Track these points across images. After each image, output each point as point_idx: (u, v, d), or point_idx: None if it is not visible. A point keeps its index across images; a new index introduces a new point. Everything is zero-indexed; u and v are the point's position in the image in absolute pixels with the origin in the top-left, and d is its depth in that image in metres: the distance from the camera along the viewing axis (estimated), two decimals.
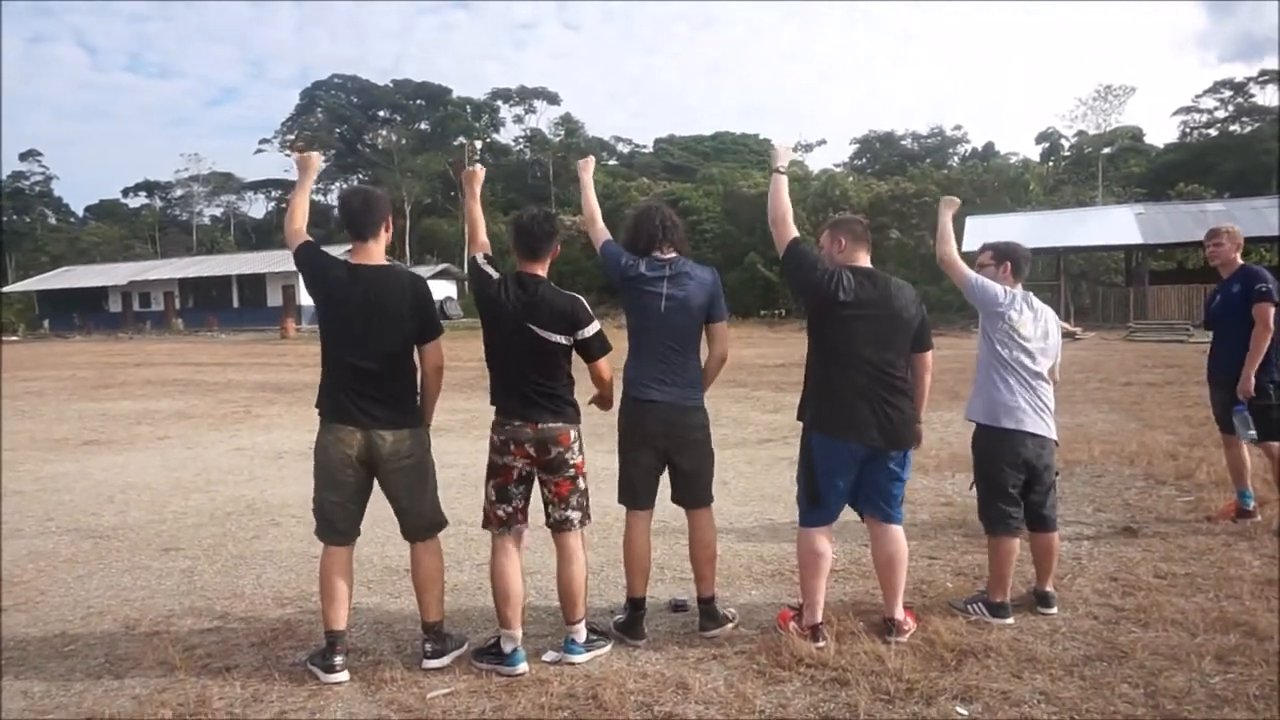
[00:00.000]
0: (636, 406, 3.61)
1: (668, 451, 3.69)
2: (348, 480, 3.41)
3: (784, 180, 3.78)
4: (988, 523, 3.88)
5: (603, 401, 3.67)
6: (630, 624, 3.70)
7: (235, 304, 46.17)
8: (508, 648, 3.39)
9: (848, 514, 3.75)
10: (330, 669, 3.33)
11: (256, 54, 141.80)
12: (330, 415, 3.42)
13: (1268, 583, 4.07)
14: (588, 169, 4.22)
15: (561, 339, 3.40)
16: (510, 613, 3.41)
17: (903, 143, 68.73)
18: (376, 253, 3.46)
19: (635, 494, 3.73)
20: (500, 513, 3.48)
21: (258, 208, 78.93)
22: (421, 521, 3.52)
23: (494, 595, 3.46)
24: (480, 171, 3.87)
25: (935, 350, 3.71)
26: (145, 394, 14.85)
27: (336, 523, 3.45)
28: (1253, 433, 5.06)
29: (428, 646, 3.47)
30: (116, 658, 3.63)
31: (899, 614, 3.62)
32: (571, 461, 3.44)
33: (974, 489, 4.00)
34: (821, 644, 3.49)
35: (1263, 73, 57.45)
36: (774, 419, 10.00)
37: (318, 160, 3.78)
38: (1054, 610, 3.83)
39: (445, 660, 3.44)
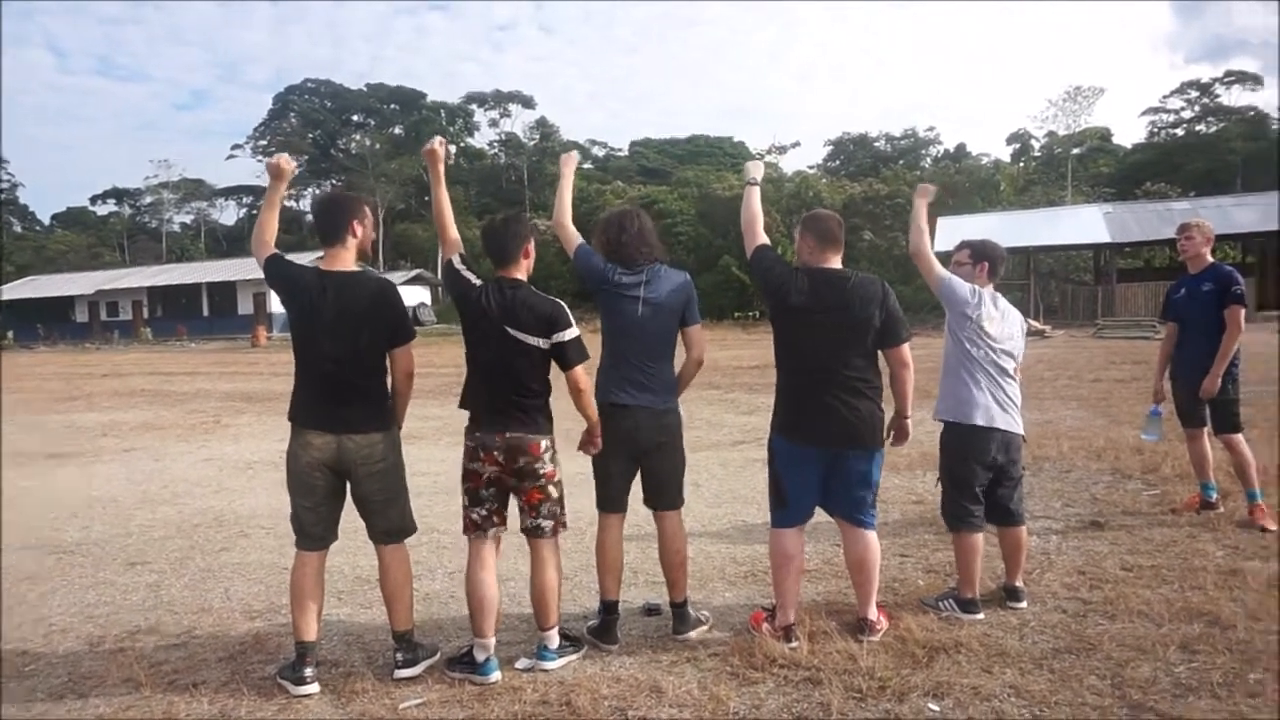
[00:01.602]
0: (610, 411, 3.60)
1: (640, 455, 3.68)
2: (318, 485, 3.38)
3: (756, 191, 3.85)
4: (950, 520, 3.92)
5: (588, 419, 3.55)
6: (604, 629, 3.68)
7: (205, 312, 45.61)
8: (480, 656, 3.37)
9: (821, 514, 3.77)
10: (300, 681, 3.29)
11: (229, 57, 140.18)
12: (301, 421, 3.39)
13: (1230, 573, 4.14)
14: (570, 164, 4.09)
15: (539, 342, 3.36)
16: (484, 622, 3.38)
17: (876, 144, 69.24)
18: (346, 258, 3.42)
19: (609, 498, 3.72)
20: (474, 516, 3.46)
21: (229, 214, 78.22)
22: (391, 525, 3.48)
23: (469, 603, 3.44)
24: (440, 145, 3.66)
25: (908, 345, 3.70)
26: (112, 405, 14.62)
27: (308, 527, 3.43)
28: (1155, 436, 5.60)
29: (399, 656, 3.44)
30: (80, 676, 3.56)
31: (872, 614, 3.64)
32: (541, 471, 3.41)
33: (939, 486, 4.03)
34: (794, 644, 3.49)
35: (1228, 73, 58.55)
36: (748, 420, 10.03)
37: (290, 165, 3.66)
38: (1023, 604, 3.87)
39: (417, 670, 3.41)
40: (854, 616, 3.70)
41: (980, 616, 3.77)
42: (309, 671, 3.32)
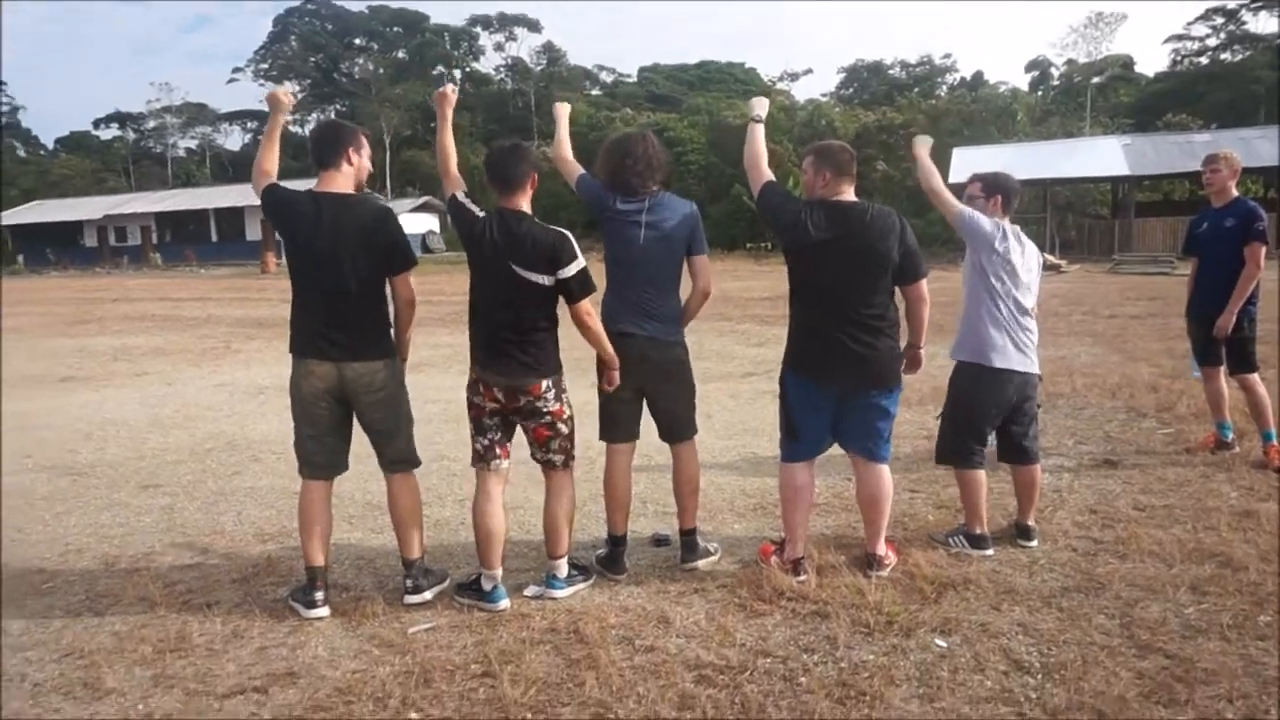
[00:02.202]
0: (614, 340, 3.55)
1: (645, 386, 3.64)
2: (321, 414, 3.36)
3: (760, 129, 3.73)
4: (951, 457, 3.89)
5: (601, 352, 3.46)
6: (611, 559, 3.70)
7: (213, 238, 45.38)
8: (487, 585, 3.39)
9: (834, 448, 3.74)
10: (311, 604, 3.33)
11: None
12: (300, 351, 3.35)
13: (1244, 514, 4.12)
14: (564, 113, 4.05)
15: (543, 279, 3.27)
16: (490, 553, 3.39)
17: (890, 72, 67.51)
18: (341, 182, 3.33)
19: (614, 428, 3.70)
20: (478, 445, 3.45)
21: (234, 139, 77.01)
22: (397, 454, 3.48)
23: (475, 534, 3.45)
24: (452, 92, 3.63)
25: (925, 280, 3.64)
26: (123, 330, 14.65)
27: (312, 456, 3.42)
28: (1197, 374, 5.43)
29: (409, 582, 3.46)
30: (96, 594, 3.61)
31: (881, 549, 3.64)
32: (545, 409, 3.37)
33: (939, 419, 3.99)
34: (803, 578, 3.50)
35: None
36: (758, 352, 9.98)
37: (288, 96, 3.59)
38: (1034, 543, 3.86)
39: (426, 595, 3.44)
40: (863, 551, 3.70)
41: (990, 552, 3.77)
42: (319, 595, 3.35)
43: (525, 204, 3.39)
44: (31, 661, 3.05)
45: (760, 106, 3.84)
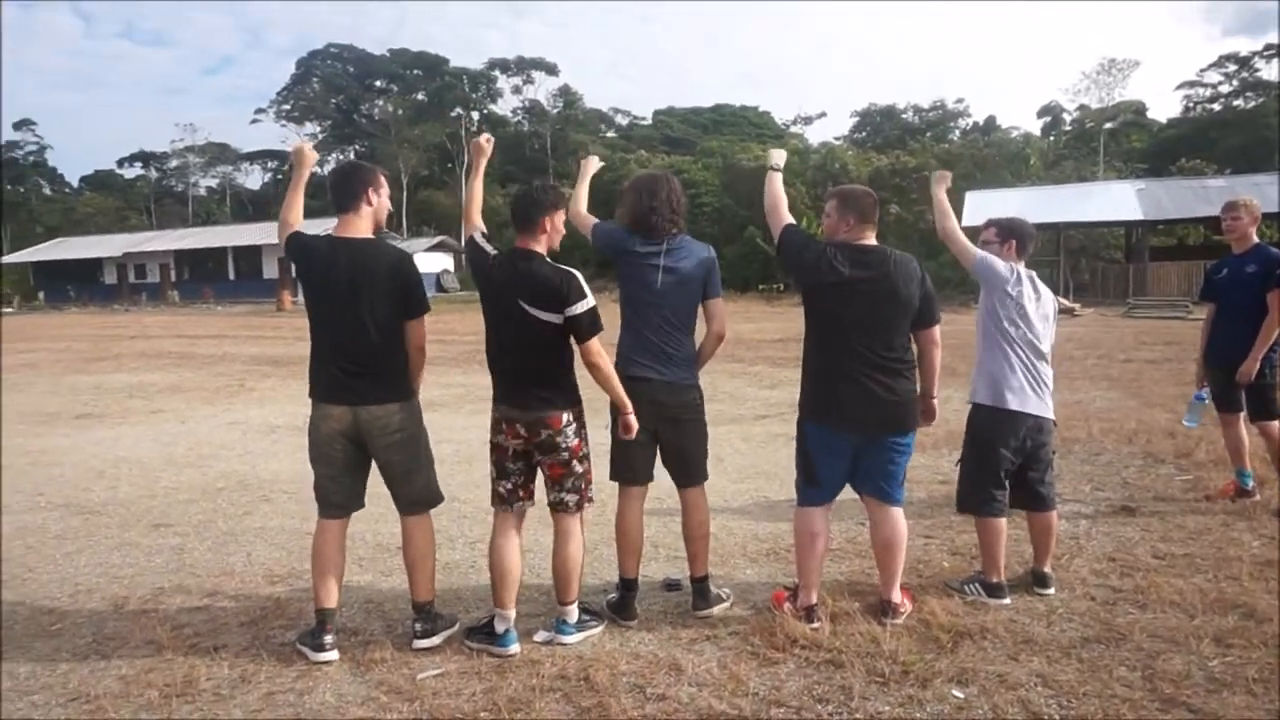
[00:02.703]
0: (628, 384, 3.55)
1: (659, 429, 3.63)
2: (336, 455, 3.37)
3: (778, 176, 3.80)
4: (972, 504, 3.84)
5: (614, 397, 3.42)
6: (622, 604, 3.66)
7: (231, 276, 45.98)
8: (500, 628, 3.36)
9: (846, 492, 3.71)
10: (319, 648, 3.30)
11: (253, 21, 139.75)
12: (318, 395, 3.37)
13: (1267, 563, 4.04)
14: (591, 167, 4.14)
15: (552, 317, 3.29)
16: (505, 593, 3.37)
17: (903, 116, 68.00)
18: (359, 225, 3.37)
19: (627, 471, 3.68)
20: (501, 489, 3.44)
21: (254, 179, 78.27)
22: (415, 495, 3.47)
23: (491, 574, 3.42)
24: (487, 143, 3.76)
25: (939, 325, 3.64)
26: (139, 367, 14.77)
27: (329, 495, 3.43)
28: (1194, 422, 5.44)
29: (418, 626, 3.43)
30: (104, 636, 3.59)
31: (896, 596, 3.59)
32: (565, 445, 3.36)
33: (958, 466, 3.95)
34: (816, 625, 3.45)
35: (1268, 47, 56.70)
36: (771, 395, 9.95)
37: (311, 152, 3.68)
38: (1051, 591, 3.80)
39: (436, 640, 3.41)
40: (877, 598, 3.65)
41: (1007, 601, 3.70)
42: (328, 639, 3.32)
43: (539, 245, 3.42)
44: (38, 705, 3.03)
45: (778, 157, 3.92)
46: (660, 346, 3.57)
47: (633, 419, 3.42)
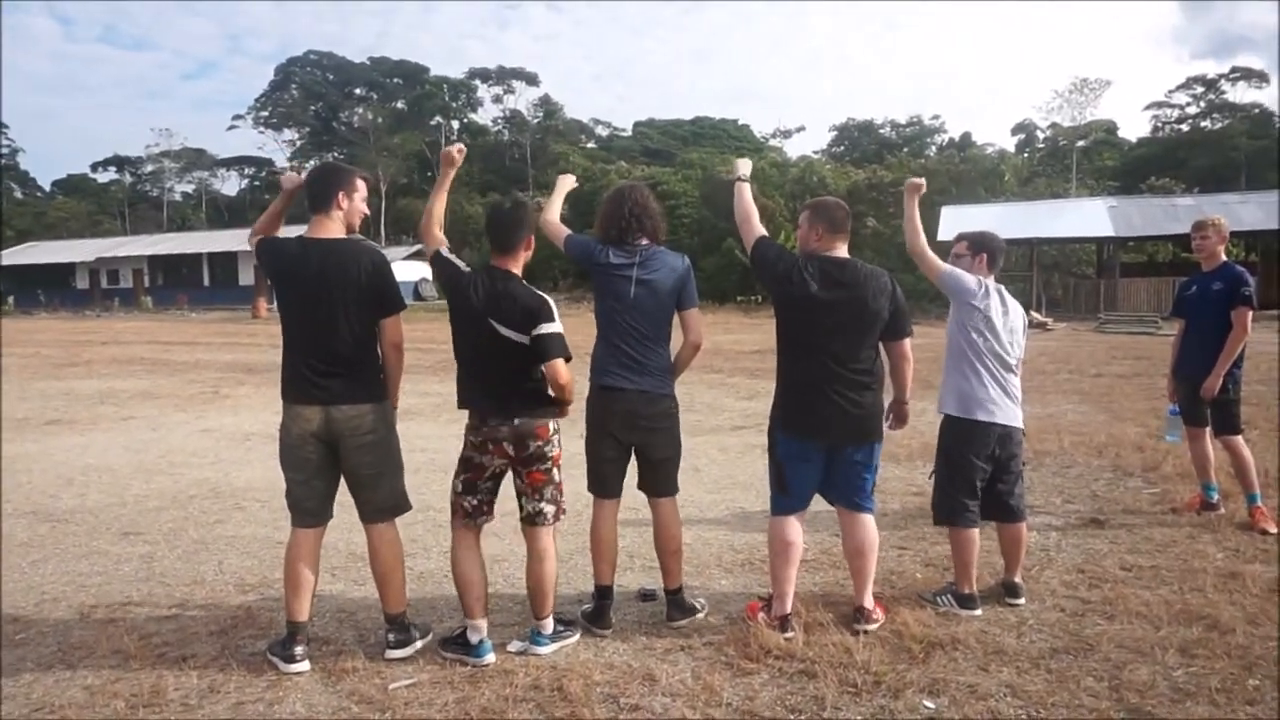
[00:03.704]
0: (603, 394, 3.55)
1: (633, 440, 3.64)
2: (309, 457, 3.32)
3: (746, 187, 3.82)
4: (946, 514, 3.89)
5: (561, 407, 3.43)
6: (597, 613, 3.66)
7: (206, 282, 45.50)
8: (474, 639, 3.34)
9: (820, 503, 3.73)
10: (290, 659, 3.26)
11: (234, 28, 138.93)
12: (289, 396, 3.34)
13: (1230, 575, 4.11)
14: (565, 186, 4.11)
15: (521, 337, 3.28)
16: (473, 603, 3.35)
17: (881, 131, 68.79)
18: (331, 226, 3.35)
19: (602, 482, 3.68)
20: (466, 504, 3.42)
21: (230, 185, 77.70)
22: (381, 502, 3.42)
23: (457, 587, 3.42)
24: (459, 155, 3.62)
25: (910, 339, 3.70)
26: (110, 373, 14.57)
27: (302, 501, 3.38)
28: (1176, 437, 5.42)
29: (390, 637, 3.41)
30: (70, 646, 3.54)
31: (868, 602, 3.62)
32: (549, 454, 3.37)
33: (932, 478, 4.00)
34: (790, 634, 3.47)
35: (1234, 69, 58.09)
36: (748, 405, 9.99)
37: (296, 181, 3.62)
38: (1022, 601, 3.84)
39: (408, 651, 3.39)
40: (851, 608, 3.67)
41: (978, 612, 3.74)
42: (299, 650, 3.29)
43: (516, 266, 3.43)
44: (0, 716, 2.98)
45: (744, 167, 3.92)
46: (633, 356, 3.58)
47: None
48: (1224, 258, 5.22)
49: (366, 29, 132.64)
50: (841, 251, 3.59)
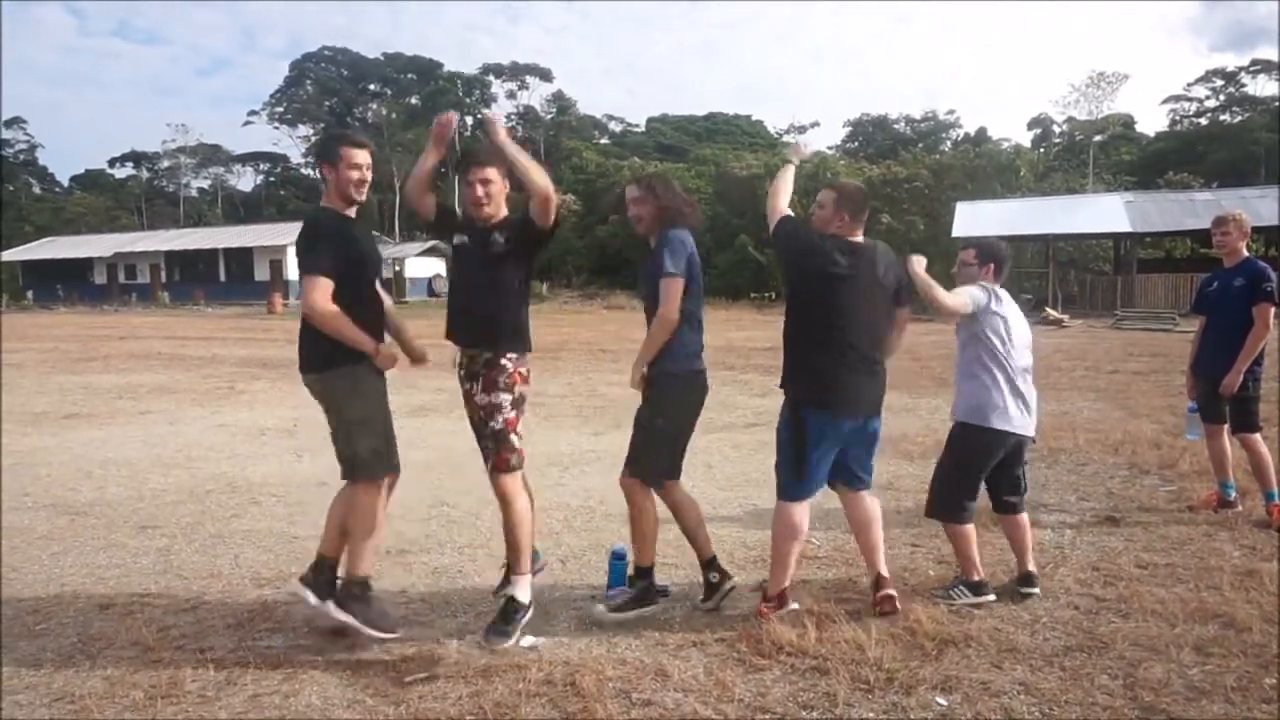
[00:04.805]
0: (699, 378, 3.80)
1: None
2: None
3: (791, 169, 3.97)
4: (943, 509, 3.90)
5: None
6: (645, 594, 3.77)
7: (222, 278, 45.78)
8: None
9: (833, 501, 3.74)
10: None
11: (247, 23, 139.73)
12: None
13: (1248, 573, 4.08)
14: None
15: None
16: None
17: (895, 126, 68.47)
18: (329, 197, 3.47)
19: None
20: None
21: (246, 181, 78.15)
22: (340, 458, 3.50)
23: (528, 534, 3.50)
24: (451, 120, 3.72)
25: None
26: (128, 368, 14.70)
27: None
28: (1196, 435, 5.37)
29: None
30: (89, 637, 3.58)
31: (884, 569, 3.74)
32: None
33: (935, 470, 4.00)
34: (794, 606, 3.61)
35: (1254, 62, 57.61)
36: (761, 403, 9.97)
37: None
38: (1037, 590, 3.85)
39: (348, 619, 3.40)
40: (862, 603, 3.70)
41: (992, 597, 3.79)
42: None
43: None
44: (22, 705, 3.02)
45: (800, 152, 4.19)
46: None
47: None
48: (1245, 253, 5.17)
49: (377, 21, 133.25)
50: (858, 237, 3.70)
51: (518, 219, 3.48)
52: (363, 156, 3.45)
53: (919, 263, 3.88)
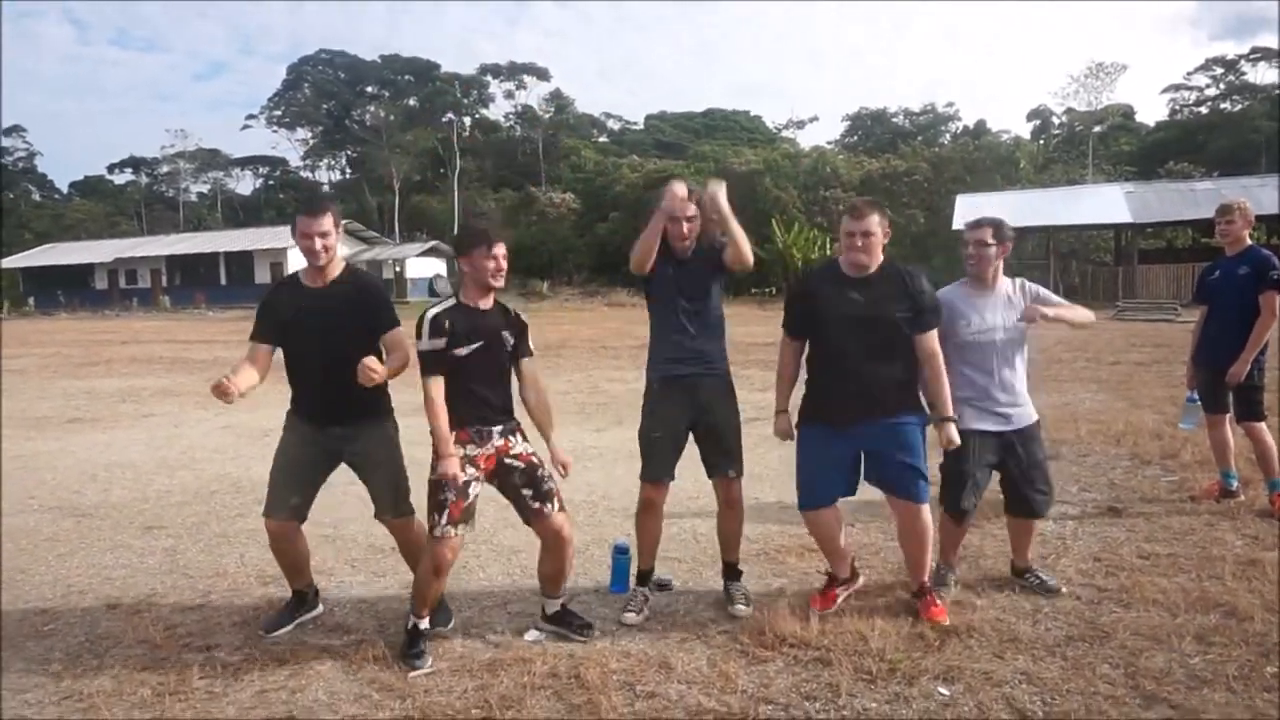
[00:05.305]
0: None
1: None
2: None
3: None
4: (955, 507, 3.84)
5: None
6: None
7: (223, 281, 45.81)
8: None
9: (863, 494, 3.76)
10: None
11: (245, 28, 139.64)
12: None
13: (1249, 563, 4.09)
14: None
15: None
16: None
17: (894, 120, 68.28)
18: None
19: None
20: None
21: (245, 184, 78.14)
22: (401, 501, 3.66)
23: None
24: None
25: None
26: (131, 371, 14.74)
27: None
28: (1191, 424, 5.39)
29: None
30: (97, 636, 3.61)
31: (926, 578, 3.71)
32: None
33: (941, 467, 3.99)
34: (862, 581, 3.81)
35: (1254, 50, 57.36)
36: (763, 398, 9.96)
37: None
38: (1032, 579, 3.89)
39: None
40: (864, 596, 3.72)
41: (956, 573, 3.91)
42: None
43: None
44: (31, 704, 3.05)
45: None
46: None
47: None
48: (1248, 241, 5.15)
49: (376, 21, 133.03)
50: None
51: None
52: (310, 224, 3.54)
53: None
